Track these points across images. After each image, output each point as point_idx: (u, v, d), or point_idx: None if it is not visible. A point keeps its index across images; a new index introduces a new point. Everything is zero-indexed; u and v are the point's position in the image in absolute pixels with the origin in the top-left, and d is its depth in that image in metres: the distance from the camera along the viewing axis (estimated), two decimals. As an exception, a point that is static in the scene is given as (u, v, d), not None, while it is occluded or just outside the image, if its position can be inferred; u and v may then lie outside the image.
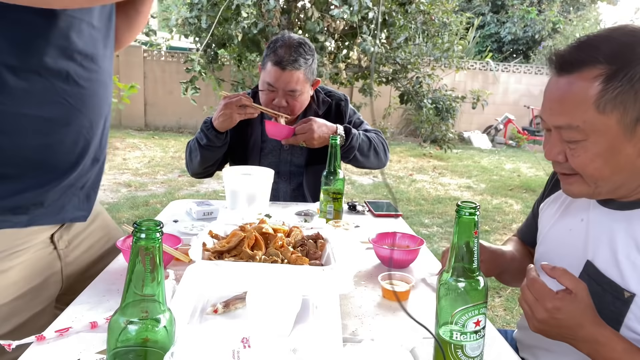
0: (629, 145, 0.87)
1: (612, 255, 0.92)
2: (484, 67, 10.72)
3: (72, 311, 0.95)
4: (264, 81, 1.80)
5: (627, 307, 0.88)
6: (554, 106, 0.91)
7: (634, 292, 0.88)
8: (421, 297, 1.10)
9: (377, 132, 1.98)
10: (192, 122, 9.32)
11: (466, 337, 0.74)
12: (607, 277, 0.92)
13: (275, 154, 1.93)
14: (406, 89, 6.27)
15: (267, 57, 1.78)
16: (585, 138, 0.88)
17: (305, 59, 1.76)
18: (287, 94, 1.77)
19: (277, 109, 1.78)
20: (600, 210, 0.99)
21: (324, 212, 1.51)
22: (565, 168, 0.94)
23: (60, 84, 0.96)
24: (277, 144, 1.91)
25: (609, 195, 0.95)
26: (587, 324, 0.85)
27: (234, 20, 5.38)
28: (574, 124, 0.88)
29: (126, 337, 0.62)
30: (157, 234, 0.61)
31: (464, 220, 0.73)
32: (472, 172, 7.05)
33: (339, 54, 5.87)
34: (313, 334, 0.88)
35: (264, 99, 1.81)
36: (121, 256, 1.20)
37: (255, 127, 1.91)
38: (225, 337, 0.73)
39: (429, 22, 6.04)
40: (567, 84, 0.89)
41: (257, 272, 0.99)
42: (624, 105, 0.84)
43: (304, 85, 1.78)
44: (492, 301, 2.97)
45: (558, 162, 0.94)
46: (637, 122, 0.85)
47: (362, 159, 1.85)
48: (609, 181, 0.90)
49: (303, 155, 1.93)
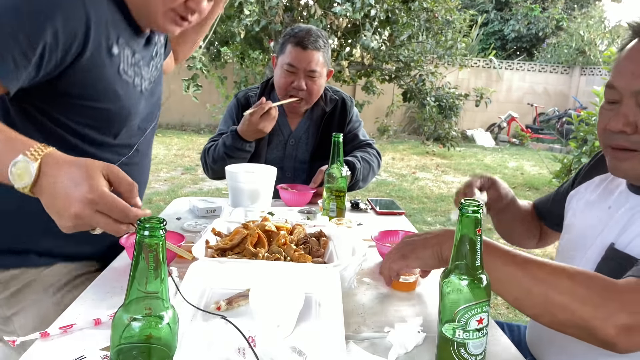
0: None
1: (636, 233, 0.91)
2: (487, 65, 10.69)
3: (76, 308, 0.95)
4: (283, 63, 1.82)
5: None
6: (637, 69, 0.88)
7: None
8: (428, 288, 1.10)
9: (372, 144, 2.02)
10: (195, 120, 9.33)
11: (469, 334, 0.74)
12: (625, 252, 0.91)
13: (281, 148, 1.96)
14: (409, 86, 6.25)
15: (286, 42, 1.82)
16: None
17: (325, 42, 1.81)
18: (307, 75, 1.80)
19: (296, 92, 1.82)
20: (633, 198, 0.98)
21: (327, 209, 1.51)
22: (630, 141, 0.91)
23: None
24: (283, 138, 1.95)
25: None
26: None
27: (236, 18, 5.38)
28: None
29: (130, 333, 0.62)
30: (161, 231, 0.61)
31: (467, 218, 0.73)
32: (475, 170, 7.04)
33: (341, 52, 5.86)
34: (316, 332, 0.88)
35: (282, 83, 1.83)
36: (125, 253, 1.21)
37: None
38: (228, 335, 0.73)
39: (432, 19, 6.02)
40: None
41: (260, 270, 0.99)
42: None
43: (322, 69, 1.82)
44: (495, 299, 2.97)
45: (625, 133, 0.91)
46: None
47: (362, 184, 1.91)
48: None
49: (308, 151, 1.96)
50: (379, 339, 0.89)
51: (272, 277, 0.96)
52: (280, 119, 1.91)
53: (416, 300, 1.07)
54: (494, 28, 13.45)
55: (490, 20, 13.36)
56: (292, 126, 1.98)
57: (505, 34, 13.26)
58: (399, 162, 7.34)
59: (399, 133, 9.77)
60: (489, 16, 13.30)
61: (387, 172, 6.53)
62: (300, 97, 1.83)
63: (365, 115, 7.92)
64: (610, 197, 1.04)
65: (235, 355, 0.70)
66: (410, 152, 8.23)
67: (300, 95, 1.82)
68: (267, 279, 0.95)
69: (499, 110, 10.41)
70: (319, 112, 1.97)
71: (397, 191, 5.57)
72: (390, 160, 7.45)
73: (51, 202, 0.78)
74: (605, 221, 1.01)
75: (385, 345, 0.87)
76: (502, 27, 13.36)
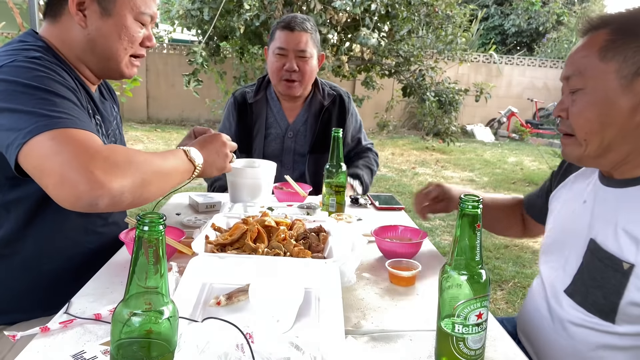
0: (623, 98, 0.91)
1: (613, 231, 0.95)
2: (487, 60, 10.66)
3: (76, 303, 0.95)
4: (274, 48, 1.87)
5: (627, 278, 0.90)
6: (569, 60, 0.99)
7: (632, 262, 0.90)
8: (427, 283, 1.10)
9: (371, 148, 2.13)
10: (195, 115, 9.31)
11: (468, 329, 0.75)
12: (607, 251, 0.94)
13: (279, 141, 1.98)
14: (409, 81, 6.23)
15: (274, 30, 1.88)
16: (585, 86, 0.94)
17: (312, 25, 1.86)
18: (297, 56, 1.84)
19: (289, 75, 1.84)
20: (603, 191, 1.02)
21: (327, 205, 1.51)
22: (566, 125, 0.99)
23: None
24: (281, 131, 1.97)
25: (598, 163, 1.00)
26: None
27: (236, 13, 5.36)
28: (577, 71, 0.95)
29: (130, 328, 0.62)
30: (160, 226, 0.61)
31: (466, 213, 0.73)
32: (475, 165, 7.04)
33: (341, 47, 5.84)
34: (315, 327, 0.88)
35: (274, 67, 1.87)
36: (124, 249, 1.21)
37: (261, 113, 1.96)
38: (228, 331, 0.73)
39: (432, 14, 5.99)
40: (583, 41, 0.97)
41: (260, 265, 0.99)
42: (624, 55, 0.90)
43: (312, 49, 1.86)
44: (494, 294, 2.98)
45: (561, 118, 1.00)
46: (634, 77, 0.89)
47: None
48: (598, 138, 0.94)
49: (307, 144, 1.98)
50: (379, 334, 0.89)
51: (271, 272, 0.97)
52: (277, 111, 1.96)
53: (415, 295, 1.07)
54: (494, 23, 13.40)
55: (490, 14, 13.30)
56: (290, 119, 1.99)
57: (506, 28, 13.21)
58: (399, 158, 7.34)
59: (398, 128, 9.76)
60: (489, 11, 13.24)
61: (386, 168, 6.53)
62: (294, 79, 1.85)
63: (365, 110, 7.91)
64: (584, 192, 1.07)
65: (234, 351, 0.71)
66: (410, 147, 8.22)
67: (294, 77, 1.85)
68: (267, 274, 0.95)
69: (499, 105, 10.39)
70: (317, 105, 1.98)
71: (397, 186, 5.57)
72: (390, 155, 7.44)
73: (212, 160, 1.23)
74: (583, 215, 1.04)
75: (385, 339, 0.87)
76: (503, 22, 13.31)
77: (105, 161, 0.93)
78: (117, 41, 1.16)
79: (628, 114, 0.91)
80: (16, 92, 0.97)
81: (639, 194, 0.95)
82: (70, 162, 0.90)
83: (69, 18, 1.14)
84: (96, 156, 0.92)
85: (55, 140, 0.92)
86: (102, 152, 0.94)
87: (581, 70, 0.94)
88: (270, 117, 1.97)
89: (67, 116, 0.97)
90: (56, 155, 0.91)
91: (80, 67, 1.20)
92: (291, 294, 0.89)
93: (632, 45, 0.89)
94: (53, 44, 1.16)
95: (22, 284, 1.15)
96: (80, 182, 0.89)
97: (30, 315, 1.13)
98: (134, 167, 0.97)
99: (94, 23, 1.14)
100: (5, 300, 1.14)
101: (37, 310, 1.13)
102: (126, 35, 1.17)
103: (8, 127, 0.95)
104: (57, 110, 0.97)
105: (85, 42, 1.16)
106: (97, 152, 0.94)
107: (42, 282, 1.16)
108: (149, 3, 1.19)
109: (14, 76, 0.99)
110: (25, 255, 1.14)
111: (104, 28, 1.15)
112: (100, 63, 1.20)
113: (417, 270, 1.12)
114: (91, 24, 1.14)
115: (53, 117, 0.95)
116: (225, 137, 1.29)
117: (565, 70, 0.99)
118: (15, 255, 1.13)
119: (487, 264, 3.50)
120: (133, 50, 1.20)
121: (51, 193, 0.93)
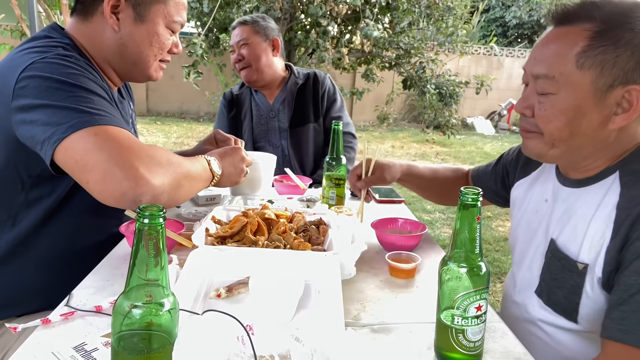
0: (595, 110, 0.88)
1: (571, 231, 0.95)
2: (488, 52, 10.61)
3: (77, 295, 0.96)
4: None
5: (583, 278, 0.91)
6: (539, 54, 0.93)
7: (587, 263, 0.90)
8: (427, 275, 1.11)
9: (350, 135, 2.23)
10: (194, 108, 9.28)
11: (467, 321, 0.75)
12: (563, 252, 0.95)
13: (264, 121, 2.19)
14: (409, 74, 6.20)
15: None
16: (557, 92, 0.89)
17: (253, 19, 2.07)
18: (239, 47, 2.07)
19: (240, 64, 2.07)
20: (562, 190, 1.01)
21: (327, 198, 1.51)
22: (530, 124, 0.96)
23: None
24: (265, 112, 2.19)
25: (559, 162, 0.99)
26: None
27: (235, 4, 5.32)
28: (550, 74, 0.89)
29: (131, 320, 0.63)
30: (160, 219, 0.61)
31: (466, 205, 0.73)
32: (475, 158, 7.03)
33: (341, 39, 5.81)
34: (315, 319, 0.88)
35: (233, 64, 2.13)
36: (125, 241, 1.21)
37: (245, 100, 2.21)
38: (228, 323, 0.74)
39: (433, 6, 5.95)
40: (558, 34, 0.91)
41: (260, 258, 0.99)
42: (601, 66, 0.86)
43: (252, 37, 2.05)
44: (494, 286, 2.99)
45: (525, 116, 0.96)
46: (608, 89, 0.86)
47: None
48: (566, 144, 0.92)
49: (287, 119, 2.16)
50: (379, 326, 0.90)
51: (271, 264, 0.97)
52: (259, 97, 2.21)
53: (415, 287, 1.07)
54: (495, 15, 13.32)
55: (491, 6, 13.22)
56: (270, 101, 2.21)
57: (507, 20, 13.14)
58: (399, 150, 7.33)
59: (398, 121, 9.74)
60: (490, 2, 13.15)
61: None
62: (243, 66, 2.07)
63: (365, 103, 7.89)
64: (546, 191, 1.07)
65: (235, 343, 0.71)
66: (410, 140, 8.21)
67: (242, 64, 2.07)
68: (267, 267, 0.96)
69: (500, 97, 10.36)
70: (293, 85, 2.18)
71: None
72: (390, 148, 7.44)
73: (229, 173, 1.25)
74: (544, 214, 1.04)
75: (385, 331, 0.88)
76: (504, 14, 13.24)
77: (149, 159, 0.94)
78: (148, 47, 1.17)
79: (598, 125, 0.89)
80: (51, 88, 0.97)
81: (593, 193, 0.94)
82: (115, 158, 0.90)
83: (101, 19, 1.14)
84: (141, 153, 0.93)
85: (98, 136, 0.92)
86: (146, 150, 0.96)
87: (555, 74, 0.89)
88: (254, 102, 2.22)
89: (105, 114, 0.98)
90: (100, 151, 0.91)
91: (106, 68, 1.20)
92: (291, 286, 0.90)
93: (610, 56, 0.85)
94: (81, 42, 1.16)
95: (35, 281, 1.15)
96: (126, 178, 0.90)
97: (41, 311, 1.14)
98: (172, 168, 0.99)
99: (126, 27, 1.14)
100: (18, 296, 1.15)
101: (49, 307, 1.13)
102: (157, 42, 1.18)
103: (44, 122, 0.94)
104: (95, 107, 0.97)
105: (116, 45, 1.16)
106: (142, 149, 0.95)
107: (54, 280, 1.16)
108: (181, 11, 1.21)
109: (48, 72, 0.98)
110: (40, 253, 1.14)
111: (137, 33, 1.15)
112: (128, 67, 1.21)
113: (416, 263, 1.12)
114: (124, 28, 1.15)
115: (93, 113, 0.95)
116: (244, 152, 1.32)
117: (535, 66, 0.92)
118: (30, 253, 1.14)
119: (487, 256, 3.51)
120: (161, 57, 1.22)
121: (92, 188, 0.92)
